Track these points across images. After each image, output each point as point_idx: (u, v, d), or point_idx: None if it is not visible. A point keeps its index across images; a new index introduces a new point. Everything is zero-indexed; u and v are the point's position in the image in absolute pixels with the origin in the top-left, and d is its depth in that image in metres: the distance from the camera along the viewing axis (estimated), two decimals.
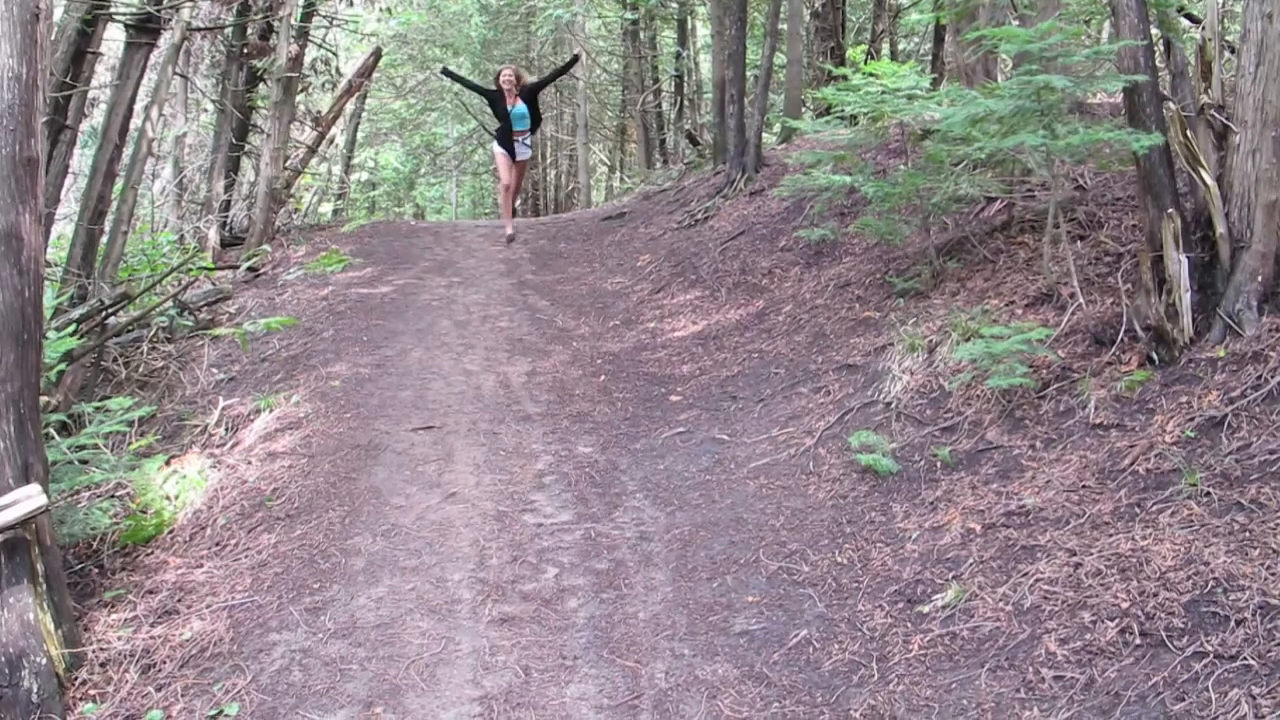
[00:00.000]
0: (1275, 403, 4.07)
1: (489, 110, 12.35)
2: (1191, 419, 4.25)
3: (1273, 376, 4.17)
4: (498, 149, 11.50)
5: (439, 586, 4.57)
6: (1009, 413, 5.01)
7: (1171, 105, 4.98)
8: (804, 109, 15.13)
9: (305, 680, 3.92)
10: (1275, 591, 3.22)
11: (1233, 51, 6.50)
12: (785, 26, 14.08)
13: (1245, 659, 3.03)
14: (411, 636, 4.19)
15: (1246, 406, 4.13)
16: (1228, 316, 4.61)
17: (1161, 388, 4.56)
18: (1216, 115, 4.86)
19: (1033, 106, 5.44)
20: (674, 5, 19.01)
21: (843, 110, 8.27)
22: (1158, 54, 5.90)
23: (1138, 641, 3.31)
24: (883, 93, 7.38)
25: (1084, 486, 4.24)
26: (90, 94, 10.47)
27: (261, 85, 13.26)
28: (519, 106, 11.12)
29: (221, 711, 3.78)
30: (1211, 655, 3.11)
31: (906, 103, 7.31)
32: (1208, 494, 3.80)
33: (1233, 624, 3.18)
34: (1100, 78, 5.75)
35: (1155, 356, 4.76)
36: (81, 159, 12.70)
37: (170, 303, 9.03)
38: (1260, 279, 4.59)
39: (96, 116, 13.09)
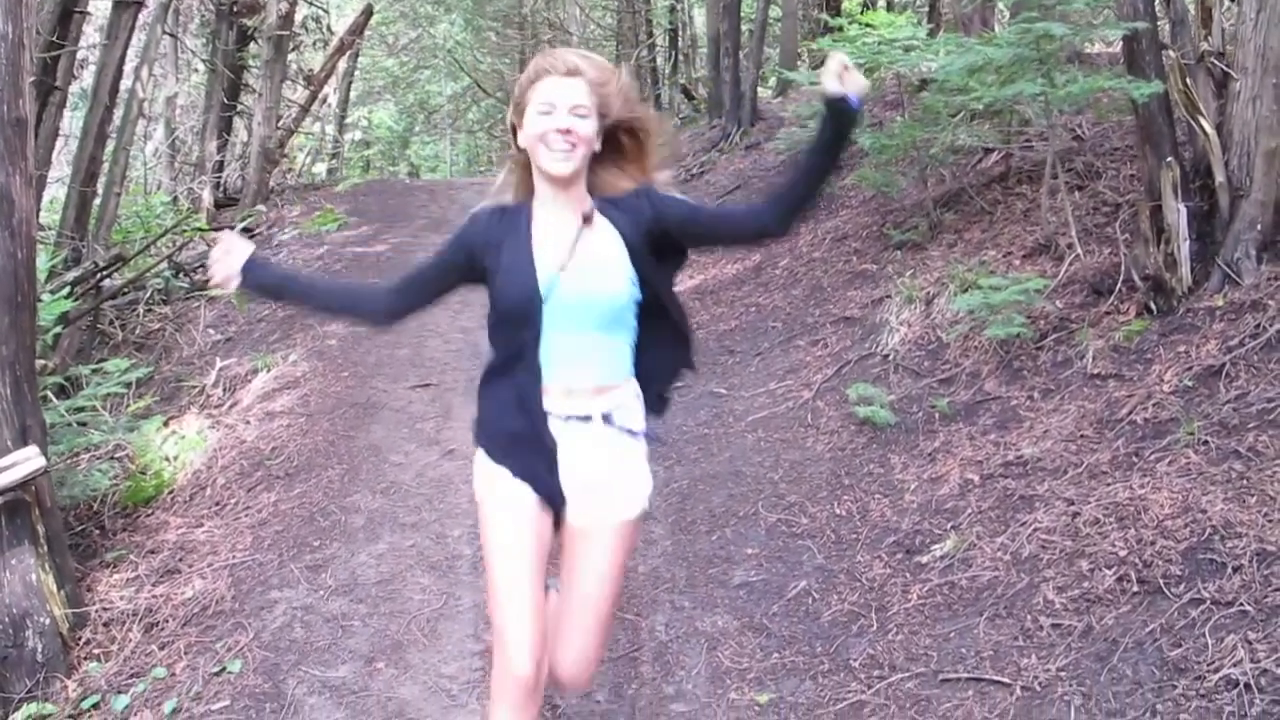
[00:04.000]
0: (1273, 351, 4.07)
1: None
2: (1189, 368, 4.24)
3: (1271, 325, 4.16)
4: None
5: (439, 542, 4.58)
6: (1007, 363, 5.01)
7: (1171, 53, 4.93)
8: (800, 61, 14.99)
9: (307, 636, 3.95)
10: (1272, 538, 3.23)
11: None
12: None
13: (1242, 605, 3.05)
14: (412, 592, 4.21)
15: (1244, 355, 4.12)
16: (1226, 265, 4.59)
17: (1159, 337, 4.56)
18: (1217, 63, 4.81)
19: (1031, 55, 5.38)
20: None
21: None
22: (1157, 1, 5.84)
23: (1135, 589, 3.33)
24: (879, 44, 7.30)
25: (1082, 436, 4.24)
26: (79, 55, 10.36)
27: (252, 44, 13.15)
28: None
29: (224, 668, 3.80)
30: (1208, 602, 3.12)
31: (903, 53, 7.23)
32: (1205, 442, 3.81)
33: (1230, 571, 3.19)
34: (1099, 25, 5.69)
35: (1153, 306, 4.74)
36: (72, 121, 12.59)
37: (165, 264, 9.00)
38: (1259, 227, 4.56)
39: (86, 78, 12.98)
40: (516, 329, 2.47)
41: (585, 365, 2.50)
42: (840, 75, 2.36)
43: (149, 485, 5.50)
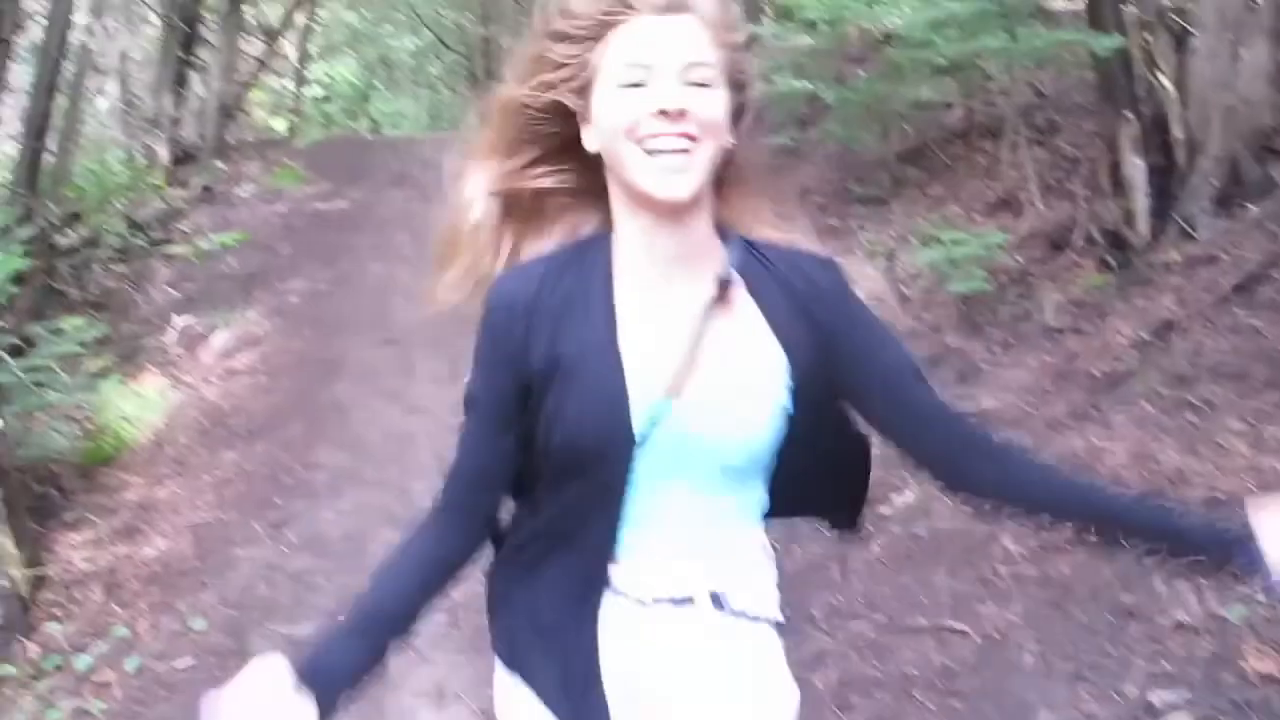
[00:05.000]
0: (1227, 305, 4.12)
1: None
2: (1146, 322, 4.30)
3: (1224, 279, 4.22)
4: None
5: (403, 498, 4.58)
6: (968, 318, 5.05)
7: (1133, 8, 4.95)
8: (762, 15, 14.90)
9: (271, 594, 3.95)
10: (1223, 487, 3.29)
11: None
12: None
13: None
14: (377, 549, 4.20)
15: (1199, 309, 4.17)
16: (1183, 220, 4.63)
17: (1117, 291, 4.61)
18: (1177, 19, 4.83)
19: (994, 10, 5.37)
20: None
21: (804, 15, 8.14)
22: None
23: (1092, 539, 3.38)
24: None
25: (1041, 389, 4.29)
26: (28, 7, 10.12)
27: None
28: None
29: (189, 628, 3.80)
30: (1162, 551, 3.18)
31: (867, 8, 7.20)
32: (1160, 394, 3.86)
33: None
34: None
35: (1111, 260, 4.79)
36: (22, 76, 12.32)
37: (122, 221, 8.86)
38: (1215, 182, 4.60)
39: (35, 32, 12.68)
40: (584, 484, 1.39)
41: (690, 531, 1.43)
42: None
43: (108, 445, 5.45)
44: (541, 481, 1.43)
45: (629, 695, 1.41)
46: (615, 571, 1.42)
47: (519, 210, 1.45)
